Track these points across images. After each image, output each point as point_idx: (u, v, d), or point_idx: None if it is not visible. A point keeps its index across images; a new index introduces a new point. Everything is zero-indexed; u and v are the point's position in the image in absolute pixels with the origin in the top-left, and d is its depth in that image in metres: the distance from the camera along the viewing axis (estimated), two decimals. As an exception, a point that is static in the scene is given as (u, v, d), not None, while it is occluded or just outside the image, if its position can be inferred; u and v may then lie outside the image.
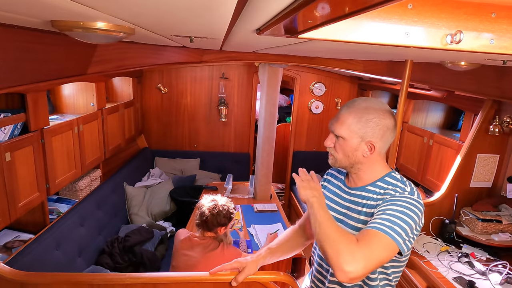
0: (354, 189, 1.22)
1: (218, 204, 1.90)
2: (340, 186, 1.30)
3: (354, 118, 1.14)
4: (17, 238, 2.05)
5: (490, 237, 2.36)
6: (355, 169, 1.20)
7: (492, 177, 2.56)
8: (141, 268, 2.58)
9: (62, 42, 1.50)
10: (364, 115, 1.13)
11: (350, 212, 1.20)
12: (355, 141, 1.15)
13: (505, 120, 2.35)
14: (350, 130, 1.14)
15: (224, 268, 1.35)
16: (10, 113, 1.85)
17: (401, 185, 1.14)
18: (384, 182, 1.17)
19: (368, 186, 1.19)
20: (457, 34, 0.87)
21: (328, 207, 1.24)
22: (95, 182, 2.95)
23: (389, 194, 1.11)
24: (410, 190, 1.12)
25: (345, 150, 1.17)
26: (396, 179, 1.17)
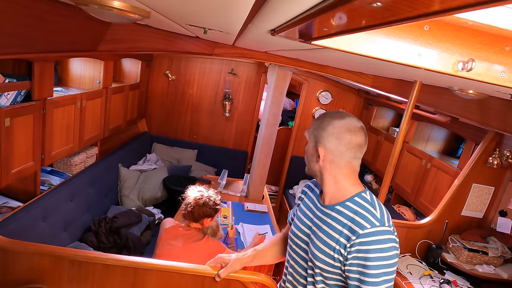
0: (325, 207, 1.17)
1: (204, 195, 1.90)
2: (314, 200, 1.25)
3: (316, 124, 1.17)
4: (6, 204, 2.04)
5: (474, 268, 2.36)
6: (319, 179, 1.19)
7: (484, 208, 2.56)
8: (125, 251, 2.58)
9: (76, 16, 1.50)
10: (324, 124, 1.14)
11: (318, 231, 1.15)
12: (312, 146, 1.18)
13: (505, 154, 2.35)
14: (309, 134, 1.20)
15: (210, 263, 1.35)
16: (16, 79, 1.85)
17: (372, 209, 1.08)
18: (353, 203, 1.11)
19: (337, 205, 1.13)
20: (469, 62, 0.87)
21: (301, 222, 1.25)
22: (91, 159, 2.94)
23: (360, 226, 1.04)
24: (380, 216, 1.06)
25: (307, 154, 1.22)
26: (366, 201, 1.10)
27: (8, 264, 1.38)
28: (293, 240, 1.26)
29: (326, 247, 1.10)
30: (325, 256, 1.09)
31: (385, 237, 1.02)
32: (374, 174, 4.21)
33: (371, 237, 1.02)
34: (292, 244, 1.27)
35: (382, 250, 1.01)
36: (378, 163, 3.91)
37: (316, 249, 1.12)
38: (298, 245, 1.23)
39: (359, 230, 1.04)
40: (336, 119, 1.13)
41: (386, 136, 3.88)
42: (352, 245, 1.04)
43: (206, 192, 1.93)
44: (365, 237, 1.02)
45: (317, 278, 1.14)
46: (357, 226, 1.05)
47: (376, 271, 1.01)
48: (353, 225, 1.06)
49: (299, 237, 1.24)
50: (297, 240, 1.24)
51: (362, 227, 1.04)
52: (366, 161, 4.22)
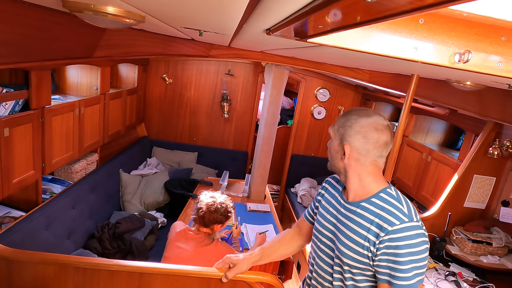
0: (350, 204, 1.18)
1: (216, 202, 1.90)
2: (337, 197, 1.26)
3: (342, 121, 1.17)
4: (8, 214, 2.04)
5: (479, 259, 2.36)
6: (343, 176, 1.19)
7: (486, 199, 2.57)
8: (129, 256, 2.58)
9: (71, 23, 1.50)
10: (350, 121, 1.14)
11: (345, 229, 1.15)
12: (336, 142, 1.18)
13: (505, 144, 2.35)
14: (334, 132, 1.19)
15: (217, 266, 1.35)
16: (13, 89, 1.85)
17: (399, 205, 1.08)
18: (379, 199, 1.11)
19: (362, 202, 1.14)
20: (465, 53, 0.87)
21: (324, 219, 1.25)
22: (91, 166, 2.94)
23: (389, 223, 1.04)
24: (408, 212, 1.07)
25: (331, 151, 1.22)
26: (392, 197, 1.11)
27: (13, 274, 1.38)
28: (317, 237, 1.28)
29: (354, 244, 1.10)
30: (353, 253, 1.10)
31: (415, 233, 1.03)
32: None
33: (401, 233, 1.02)
34: (316, 241, 1.28)
35: (412, 245, 1.01)
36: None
37: (344, 246, 1.13)
38: (323, 242, 1.25)
39: (388, 226, 1.04)
40: (363, 117, 1.13)
41: None
42: (381, 242, 1.04)
43: (219, 199, 1.93)
44: (394, 233, 1.03)
45: (346, 275, 1.15)
46: (385, 223, 1.05)
47: (407, 266, 1.01)
48: (380, 222, 1.06)
49: (323, 234, 1.25)
50: (321, 237, 1.25)
51: (391, 224, 1.04)
52: (367, 156, 4.22)
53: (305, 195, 4.13)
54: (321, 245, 1.25)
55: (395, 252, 1.02)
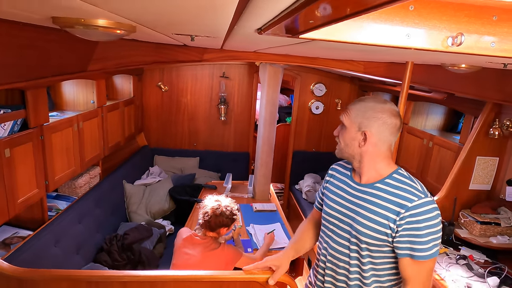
0: (363, 186, 1.24)
1: (221, 205, 1.90)
2: (347, 181, 1.31)
3: (357, 109, 1.21)
4: (16, 234, 2.05)
5: (488, 240, 2.36)
6: (356, 162, 1.24)
7: (491, 179, 2.56)
8: (140, 266, 2.58)
9: (63, 39, 1.50)
10: (365, 108, 1.20)
11: (361, 210, 1.21)
12: (353, 130, 1.21)
13: (505, 123, 2.35)
14: (350, 120, 1.21)
15: (257, 267, 1.34)
16: (10, 109, 1.85)
17: (413, 183, 1.17)
18: (393, 180, 1.19)
19: (376, 183, 1.21)
20: (458, 36, 0.87)
21: (335, 203, 1.30)
22: (94, 180, 2.95)
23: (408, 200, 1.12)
24: (421, 189, 1.16)
25: (345, 139, 1.24)
26: (405, 177, 1.20)
27: (25, 294, 1.38)
28: (328, 221, 1.32)
29: (373, 223, 1.16)
30: (372, 231, 1.16)
31: (431, 207, 1.11)
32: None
33: (419, 209, 1.10)
34: (328, 225, 1.33)
35: (430, 219, 1.10)
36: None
37: (362, 226, 1.18)
38: (336, 224, 1.29)
39: (407, 203, 1.12)
40: (380, 103, 1.20)
41: None
42: (402, 218, 1.11)
43: (224, 202, 1.93)
44: (414, 209, 1.10)
45: (363, 253, 1.20)
46: (404, 200, 1.12)
47: (427, 238, 1.10)
48: (399, 200, 1.13)
49: (335, 217, 1.29)
50: (334, 220, 1.30)
51: (410, 200, 1.12)
52: (368, 147, 4.22)
53: (309, 191, 4.13)
54: (335, 228, 1.30)
55: (416, 227, 1.10)
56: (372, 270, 1.21)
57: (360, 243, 1.20)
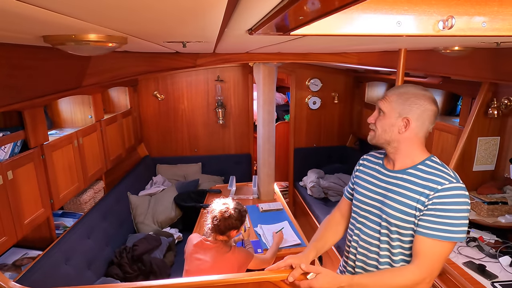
0: (394, 172, 1.26)
1: (229, 207, 1.90)
2: (378, 169, 1.34)
3: (396, 96, 1.22)
4: (26, 255, 2.05)
5: (497, 220, 2.36)
6: (392, 148, 1.26)
7: (494, 159, 2.56)
8: (151, 276, 2.58)
9: (55, 57, 1.51)
10: (405, 95, 1.21)
11: (391, 194, 1.23)
12: (393, 116, 1.22)
13: (503, 102, 2.35)
14: (391, 106, 1.22)
15: (279, 266, 1.33)
16: (9, 132, 1.85)
17: (445, 170, 1.19)
18: (426, 166, 1.21)
19: (409, 169, 1.23)
20: (448, 19, 0.87)
21: (366, 190, 1.34)
22: (99, 194, 2.95)
23: (438, 183, 1.14)
24: (454, 175, 1.18)
25: (383, 125, 1.24)
26: (437, 163, 1.22)
27: (40, 314, 1.38)
28: (360, 207, 1.36)
29: (404, 207, 1.18)
30: (402, 214, 1.18)
31: (461, 193, 1.13)
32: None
33: (449, 192, 1.12)
34: (360, 212, 1.36)
35: (458, 203, 1.11)
36: (380, 138, 3.90)
37: (393, 210, 1.21)
38: (369, 211, 1.32)
39: (437, 186, 1.14)
40: (421, 90, 1.22)
41: None
42: (430, 199, 1.14)
43: (231, 204, 1.93)
44: (443, 191, 1.13)
45: (393, 236, 1.23)
46: (435, 184, 1.15)
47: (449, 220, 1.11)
48: (430, 183, 1.16)
49: (368, 203, 1.32)
50: (366, 207, 1.33)
51: (441, 184, 1.14)
52: (369, 138, 4.21)
53: (314, 187, 4.13)
54: (367, 213, 1.33)
55: (441, 208, 1.12)
56: (401, 255, 1.23)
57: (391, 226, 1.22)
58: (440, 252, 1.14)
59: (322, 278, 1.18)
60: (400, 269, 1.21)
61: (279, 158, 4.67)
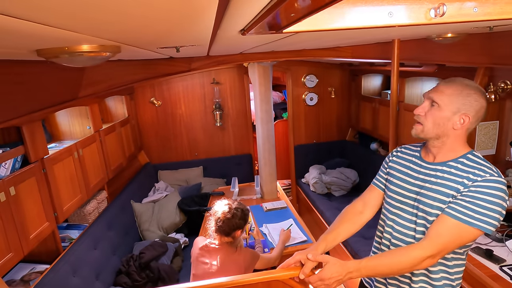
0: (434, 164, 1.24)
1: (232, 208, 1.90)
2: (415, 161, 1.31)
3: (455, 90, 1.17)
4: (33, 270, 2.05)
5: (501, 204, 2.35)
6: (439, 142, 1.22)
7: (494, 143, 2.56)
8: (160, 282, 2.58)
9: (50, 70, 1.51)
10: (465, 90, 1.17)
11: (430, 185, 1.21)
12: (450, 111, 1.17)
13: (499, 86, 2.35)
14: (449, 100, 1.17)
15: (288, 263, 1.32)
16: (9, 148, 1.85)
17: (487, 164, 1.16)
18: (467, 160, 1.19)
19: (450, 162, 1.20)
20: (440, 7, 0.87)
21: (402, 181, 1.31)
22: (102, 204, 2.95)
23: (478, 175, 1.12)
24: (495, 170, 1.15)
25: (436, 118, 1.19)
26: (479, 158, 1.19)
27: (52, 327, 1.38)
28: (396, 199, 1.33)
29: (443, 196, 1.17)
30: (442, 203, 1.16)
31: (500, 186, 1.10)
32: (379, 141, 4.20)
33: (487, 183, 1.10)
34: (394, 203, 1.33)
35: (493, 195, 1.09)
36: (380, 129, 3.91)
37: (433, 200, 1.18)
38: (405, 202, 1.29)
39: (477, 178, 1.12)
40: (474, 84, 1.18)
41: (380, 101, 3.88)
42: (467, 187, 1.12)
43: (233, 204, 1.93)
44: (481, 182, 1.11)
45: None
46: (475, 176, 1.13)
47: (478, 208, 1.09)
48: (470, 175, 1.14)
49: (404, 195, 1.30)
50: (402, 198, 1.31)
51: (481, 176, 1.12)
52: (367, 130, 4.22)
53: (316, 183, 4.13)
54: (402, 205, 1.30)
55: (474, 195, 1.10)
56: None
57: (429, 216, 1.19)
58: (457, 235, 1.12)
59: (330, 268, 1.17)
60: (408, 247, 1.19)
61: (279, 156, 4.67)
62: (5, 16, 0.48)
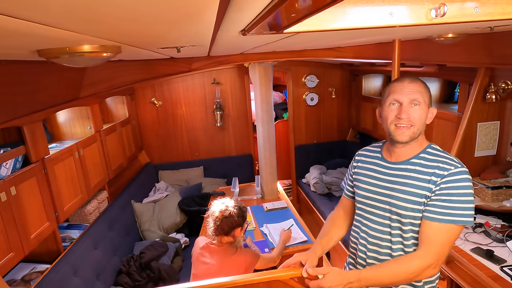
0: (397, 164, 1.26)
1: (228, 206, 1.90)
2: (378, 162, 1.33)
3: (422, 86, 1.21)
4: (34, 270, 2.05)
5: (502, 204, 2.35)
6: (414, 141, 1.23)
7: (495, 144, 2.56)
8: (161, 282, 2.58)
9: (51, 70, 1.51)
10: (423, 83, 1.22)
11: (399, 186, 1.22)
12: (427, 106, 1.21)
13: (500, 86, 2.35)
14: (424, 97, 1.20)
15: (288, 264, 1.34)
16: (10, 148, 1.85)
17: (448, 156, 1.20)
18: (428, 154, 1.22)
19: (412, 159, 1.23)
20: (441, 7, 0.87)
21: (371, 185, 1.32)
22: (103, 204, 2.95)
23: (444, 169, 1.15)
24: (456, 160, 1.18)
25: (422, 117, 1.21)
26: (439, 150, 1.23)
27: (52, 327, 1.38)
28: (366, 204, 1.34)
29: (414, 197, 1.18)
30: (415, 204, 1.18)
31: (466, 177, 1.14)
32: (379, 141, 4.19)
33: (455, 176, 1.13)
34: (366, 208, 1.34)
35: (463, 187, 1.13)
36: (380, 130, 3.90)
37: (404, 202, 1.20)
38: (376, 206, 1.30)
39: (444, 172, 1.15)
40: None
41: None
42: (437, 185, 1.14)
43: (230, 203, 1.93)
44: (450, 176, 1.14)
45: (406, 228, 1.22)
46: (441, 170, 1.16)
47: (456, 204, 1.12)
48: (436, 170, 1.16)
49: (374, 199, 1.30)
50: (373, 202, 1.31)
51: (447, 170, 1.15)
52: (368, 130, 4.22)
53: (317, 183, 4.13)
54: (373, 209, 1.31)
55: (448, 192, 1.13)
56: (414, 246, 1.22)
57: (403, 218, 1.21)
58: (447, 236, 1.14)
59: (331, 277, 1.18)
60: (406, 257, 1.20)
61: (280, 156, 4.67)
62: (6, 17, 0.48)
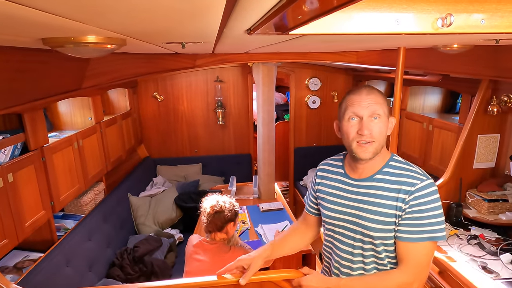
0: (361, 181, 1.19)
1: (219, 201, 1.90)
2: (342, 179, 1.25)
3: (380, 96, 1.14)
4: (27, 258, 2.05)
5: (497, 217, 2.36)
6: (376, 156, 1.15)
7: (494, 157, 2.56)
8: (153, 277, 2.58)
9: (55, 59, 1.51)
10: (380, 92, 1.16)
11: (367, 206, 1.16)
12: (387, 118, 1.15)
13: (502, 99, 2.35)
14: (384, 107, 1.13)
15: (229, 268, 1.32)
16: (9, 134, 1.85)
17: (411, 167, 1.16)
18: (392, 168, 1.16)
19: (376, 175, 1.17)
20: (447, 17, 0.87)
21: (336, 205, 1.24)
22: (99, 196, 2.95)
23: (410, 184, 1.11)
24: (420, 171, 1.14)
25: (382, 131, 1.13)
26: (401, 162, 1.18)
27: (42, 316, 1.38)
28: (334, 224, 1.26)
29: (384, 217, 1.13)
30: (385, 225, 1.13)
31: (433, 189, 1.11)
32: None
33: (422, 191, 1.10)
34: (334, 228, 1.26)
35: (433, 201, 1.10)
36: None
37: (373, 223, 1.14)
38: (344, 226, 1.23)
39: (410, 188, 1.10)
40: None
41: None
42: (407, 203, 1.10)
43: (220, 198, 1.94)
44: (417, 192, 1.10)
45: (378, 249, 1.16)
46: (407, 186, 1.11)
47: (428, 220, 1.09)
48: (402, 186, 1.12)
49: (342, 219, 1.23)
50: (341, 223, 1.23)
51: (413, 185, 1.10)
52: (368, 136, 4.21)
53: (315, 186, 4.12)
54: (342, 229, 1.24)
55: (419, 209, 1.09)
56: (390, 264, 1.19)
57: (374, 239, 1.15)
58: (424, 254, 1.11)
59: (311, 277, 1.18)
60: (387, 273, 1.16)
61: (279, 157, 4.66)
62: (12, 3, 0.48)
